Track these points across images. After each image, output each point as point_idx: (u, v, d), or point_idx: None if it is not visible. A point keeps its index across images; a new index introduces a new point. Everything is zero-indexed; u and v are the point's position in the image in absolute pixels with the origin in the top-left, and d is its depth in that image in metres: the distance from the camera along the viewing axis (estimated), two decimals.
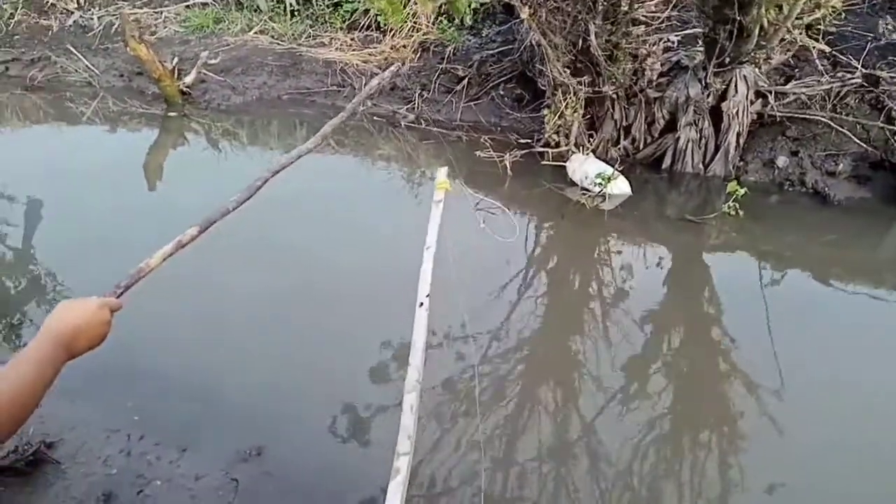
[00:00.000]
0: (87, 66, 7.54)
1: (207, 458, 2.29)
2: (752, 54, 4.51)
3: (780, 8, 4.06)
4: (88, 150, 6.20)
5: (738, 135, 4.84)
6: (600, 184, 4.36)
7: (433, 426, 2.59)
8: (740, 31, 4.23)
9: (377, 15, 7.30)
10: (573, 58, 4.91)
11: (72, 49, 7.67)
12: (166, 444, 2.36)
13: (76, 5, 8.41)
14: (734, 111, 4.78)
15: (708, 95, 4.82)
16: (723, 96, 4.83)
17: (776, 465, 2.68)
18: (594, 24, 4.54)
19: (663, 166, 5.04)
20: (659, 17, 5.72)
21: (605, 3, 4.71)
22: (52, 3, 8.38)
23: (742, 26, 4.16)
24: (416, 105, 6.45)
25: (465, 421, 2.68)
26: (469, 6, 4.90)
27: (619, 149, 5.24)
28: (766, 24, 4.19)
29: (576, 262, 4.16)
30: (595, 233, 4.36)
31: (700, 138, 4.92)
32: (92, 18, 8.19)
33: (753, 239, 4.35)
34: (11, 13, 8.26)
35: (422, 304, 1.58)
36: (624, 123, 5.21)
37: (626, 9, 4.66)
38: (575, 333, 3.59)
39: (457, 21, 7.00)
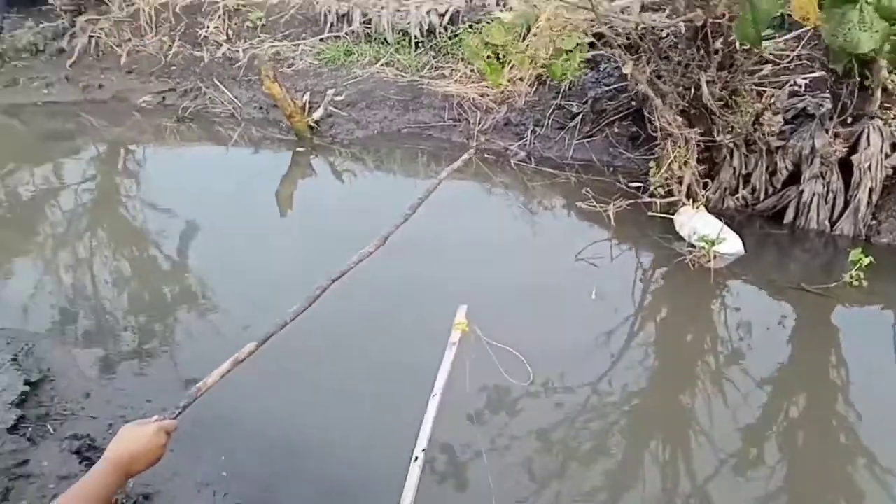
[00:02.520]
0: (231, 98, 8.20)
1: None
2: (877, 114, 4.14)
3: None
4: (231, 176, 6.69)
5: (871, 191, 4.45)
6: (701, 241, 4.18)
7: None
8: (863, 88, 3.89)
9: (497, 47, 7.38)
10: (686, 105, 4.73)
11: (217, 82, 8.36)
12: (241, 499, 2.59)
13: (225, 38, 9.13)
14: (866, 165, 4.40)
15: (835, 146, 4.47)
16: (854, 148, 4.46)
17: None
18: (706, 73, 4.34)
19: (785, 221, 4.74)
20: (788, 56, 5.39)
21: (721, 50, 4.50)
22: (204, 36, 9.16)
23: (864, 85, 3.83)
24: (528, 141, 6.46)
25: None
26: (572, 64, 4.83)
27: (738, 198, 4.98)
28: (890, 86, 3.83)
29: (666, 327, 4.03)
30: (693, 298, 4.20)
31: (827, 193, 4.58)
32: (237, 51, 8.87)
33: (882, 309, 4.01)
34: (170, 45, 9.13)
35: (416, 458, 1.57)
36: (743, 171, 4.95)
37: (742, 54, 4.42)
38: (665, 402, 3.50)
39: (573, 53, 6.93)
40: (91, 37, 9.51)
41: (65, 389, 3.15)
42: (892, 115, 4.21)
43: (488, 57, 6.76)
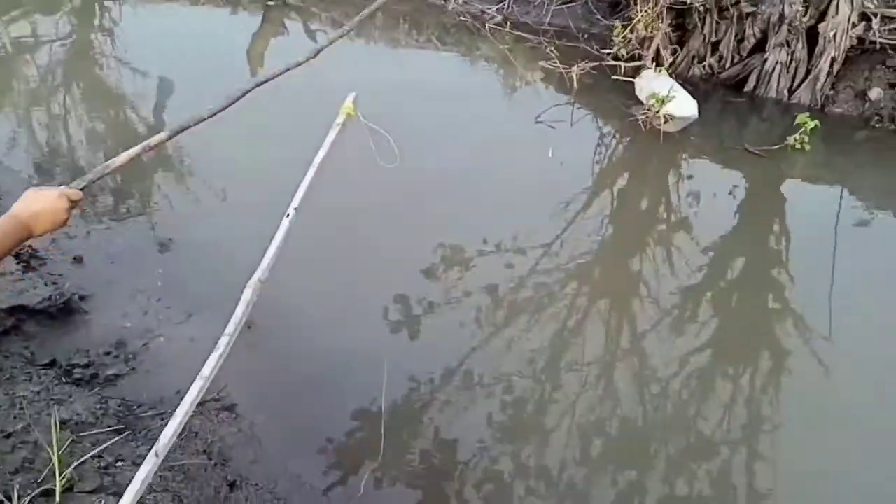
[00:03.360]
0: None
1: (205, 325, 2.63)
2: None
3: None
4: (204, 30, 6.49)
5: (833, 60, 4.42)
6: (652, 103, 4.18)
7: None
8: None
9: None
10: None
11: None
12: (177, 309, 2.75)
13: None
14: (831, 34, 4.34)
15: (805, 14, 4.39)
16: (822, 17, 4.38)
17: (814, 405, 2.72)
18: None
19: (745, 89, 4.72)
20: None
21: None
22: None
23: None
24: (507, 5, 6.29)
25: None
26: None
27: (705, 66, 4.94)
28: None
29: (611, 186, 4.10)
30: (642, 157, 4.26)
31: (790, 62, 4.54)
32: None
33: (822, 174, 4.10)
34: None
35: (288, 214, 1.68)
36: (713, 39, 4.88)
37: None
38: (609, 257, 3.63)
39: None
40: None
41: None
42: None
43: None
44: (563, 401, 2.74)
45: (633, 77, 4.77)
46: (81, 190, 1.71)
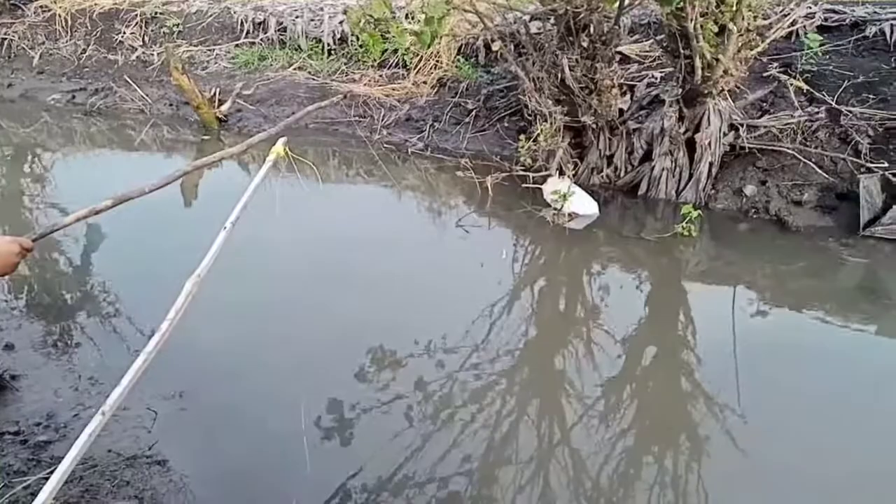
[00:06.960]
0: (142, 95, 8.38)
1: (137, 396, 2.69)
2: (707, 88, 4.76)
3: (721, 41, 4.34)
4: (137, 171, 6.81)
5: (711, 164, 5.06)
6: (556, 200, 4.66)
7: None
8: (692, 66, 4.52)
9: (404, 54, 7.88)
10: (556, 89, 5.28)
11: (129, 81, 8.55)
12: (107, 384, 2.80)
13: (141, 42, 9.33)
14: (706, 142, 5.01)
15: (682, 127, 5.08)
16: (697, 128, 5.08)
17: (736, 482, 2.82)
18: (567, 57, 4.90)
19: (639, 193, 5.30)
20: (651, 56, 6.07)
21: (586, 39, 5.07)
22: (120, 41, 9.34)
23: (692, 60, 4.45)
24: (427, 135, 6.92)
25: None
26: (437, 38, 5.16)
27: (603, 176, 5.53)
28: (709, 57, 4.46)
29: (522, 282, 4.43)
30: (549, 253, 4.68)
31: (674, 167, 5.17)
32: (153, 54, 9.09)
33: (710, 257, 4.58)
34: (84, 48, 9.27)
35: (225, 227, 1.91)
36: (607, 153, 5.51)
37: (600, 46, 5.01)
38: (532, 353, 3.81)
39: (472, 59, 7.51)
40: (3, 39, 9.57)
41: None
42: (718, 90, 4.82)
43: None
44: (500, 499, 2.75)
45: (541, 185, 5.30)
46: (33, 241, 1.91)
